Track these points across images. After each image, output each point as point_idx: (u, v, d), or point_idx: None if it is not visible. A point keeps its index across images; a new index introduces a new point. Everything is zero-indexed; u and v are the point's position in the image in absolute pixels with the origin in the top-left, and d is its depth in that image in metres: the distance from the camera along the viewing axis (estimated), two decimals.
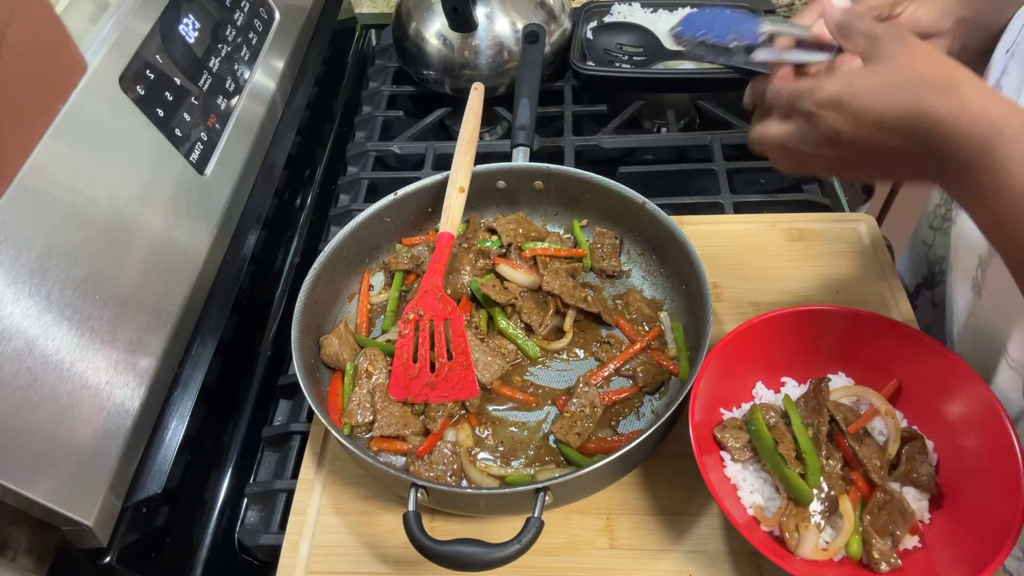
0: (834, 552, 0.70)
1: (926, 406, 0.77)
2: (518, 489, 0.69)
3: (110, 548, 0.70)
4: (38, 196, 0.67)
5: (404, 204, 0.95)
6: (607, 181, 0.94)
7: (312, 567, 0.77)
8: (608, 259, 0.95)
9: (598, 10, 1.29)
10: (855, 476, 0.74)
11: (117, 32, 0.80)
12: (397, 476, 0.72)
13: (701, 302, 0.81)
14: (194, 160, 0.87)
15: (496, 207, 1.01)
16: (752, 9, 1.24)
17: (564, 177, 0.97)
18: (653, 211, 0.90)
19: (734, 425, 0.77)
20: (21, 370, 0.63)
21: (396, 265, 0.95)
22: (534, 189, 0.99)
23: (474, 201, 0.99)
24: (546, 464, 0.80)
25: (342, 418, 0.81)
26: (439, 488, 0.70)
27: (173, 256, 0.82)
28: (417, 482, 0.70)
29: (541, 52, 1.07)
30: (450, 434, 0.82)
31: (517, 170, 0.98)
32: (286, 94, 1.10)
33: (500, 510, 0.76)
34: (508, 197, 1.00)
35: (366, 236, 0.94)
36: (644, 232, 0.94)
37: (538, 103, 1.01)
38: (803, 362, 0.81)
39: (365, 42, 1.47)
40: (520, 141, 0.99)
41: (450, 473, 0.78)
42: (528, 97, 1.02)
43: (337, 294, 0.93)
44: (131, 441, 0.72)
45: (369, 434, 0.81)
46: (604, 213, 0.98)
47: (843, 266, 0.96)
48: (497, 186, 0.99)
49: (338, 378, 0.86)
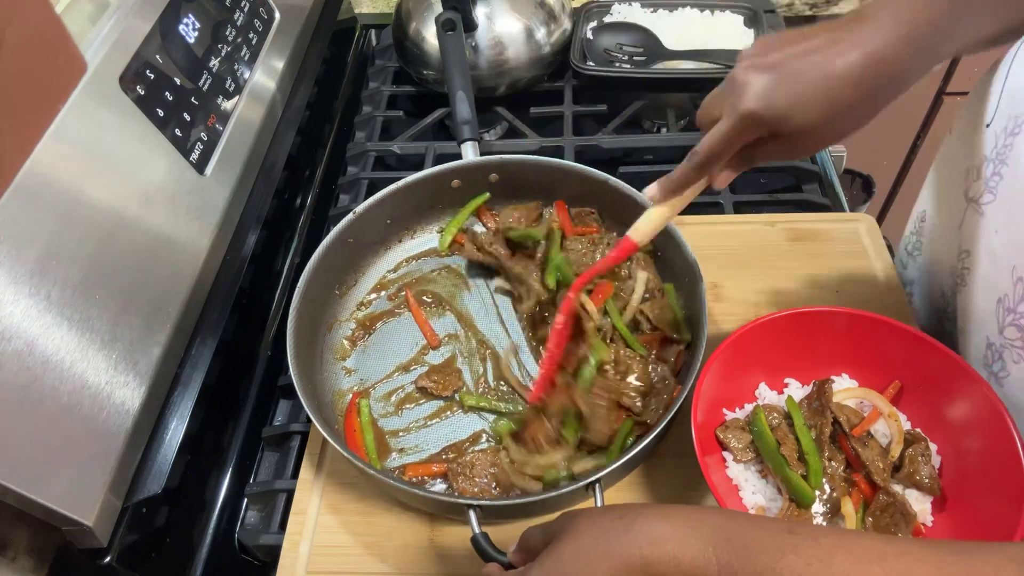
0: None
1: (929, 408, 0.77)
2: (572, 487, 0.69)
3: (110, 548, 0.70)
4: (38, 196, 0.67)
5: (402, 198, 0.96)
6: (567, 164, 0.94)
7: (312, 567, 0.77)
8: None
9: (598, 10, 1.29)
10: (857, 478, 0.74)
11: (117, 32, 0.80)
12: (453, 502, 0.71)
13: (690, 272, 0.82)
14: (194, 160, 0.86)
15: (455, 207, 1.00)
16: (752, 9, 1.24)
17: (521, 166, 0.96)
18: (617, 185, 0.90)
19: (737, 426, 0.77)
20: (21, 370, 0.62)
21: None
22: (490, 182, 0.98)
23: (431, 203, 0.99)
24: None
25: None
26: (499, 504, 0.70)
27: (173, 256, 0.82)
28: (474, 503, 0.69)
29: (461, 40, 1.06)
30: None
31: (470, 166, 0.97)
32: (286, 94, 1.10)
33: (551, 509, 0.74)
34: (464, 195, 0.99)
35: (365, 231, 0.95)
36: (615, 211, 0.93)
37: (536, 101, 1.01)
38: (807, 363, 0.81)
39: (365, 42, 1.47)
40: (466, 136, 0.98)
41: (494, 484, 0.78)
42: (463, 89, 1.01)
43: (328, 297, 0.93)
44: (131, 441, 0.72)
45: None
46: (569, 199, 0.97)
47: (843, 266, 0.96)
48: (452, 185, 0.98)
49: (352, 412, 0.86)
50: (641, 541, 0.50)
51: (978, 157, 0.78)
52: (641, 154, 1.18)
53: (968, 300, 0.80)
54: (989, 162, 0.76)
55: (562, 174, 0.94)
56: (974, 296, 0.79)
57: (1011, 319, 0.73)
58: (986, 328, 0.76)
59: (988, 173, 0.76)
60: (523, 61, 1.20)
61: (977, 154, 0.79)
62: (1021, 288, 0.71)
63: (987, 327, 0.76)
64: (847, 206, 1.08)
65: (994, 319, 0.75)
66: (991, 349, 0.75)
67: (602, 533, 0.52)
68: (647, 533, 0.50)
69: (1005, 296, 0.73)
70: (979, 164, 0.78)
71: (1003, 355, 0.73)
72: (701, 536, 0.49)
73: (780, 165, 1.13)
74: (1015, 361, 0.72)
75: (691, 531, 0.49)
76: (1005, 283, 0.73)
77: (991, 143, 0.76)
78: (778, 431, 0.75)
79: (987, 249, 0.77)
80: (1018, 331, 0.72)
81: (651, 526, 0.50)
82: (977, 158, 0.78)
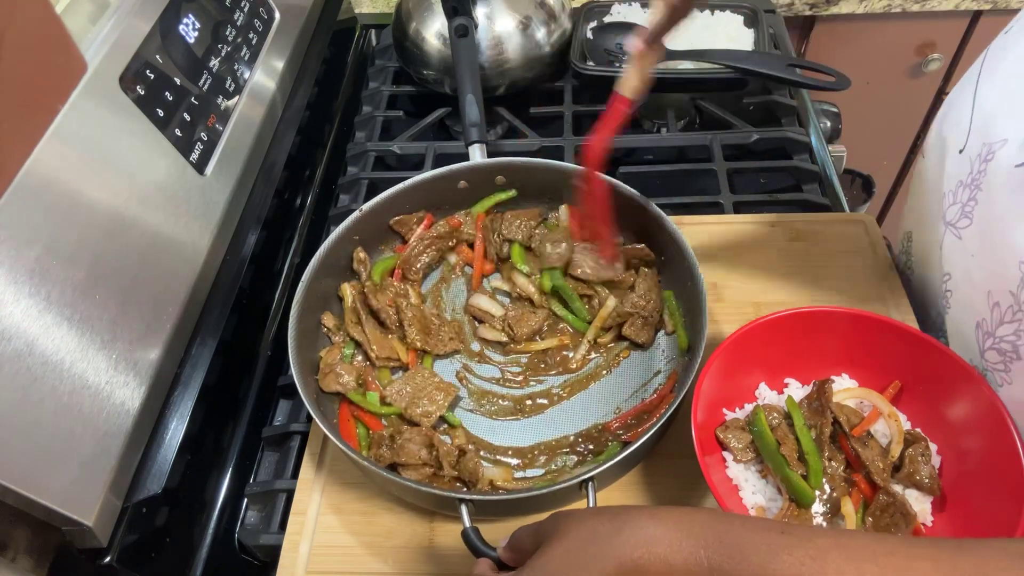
0: None
1: (929, 408, 0.77)
2: (566, 484, 0.69)
3: (110, 548, 0.70)
4: (38, 196, 0.67)
5: (409, 198, 0.96)
6: (569, 166, 0.95)
7: (312, 567, 0.77)
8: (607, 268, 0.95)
9: (598, 10, 1.29)
10: (857, 478, 0.74)
11: (117, 32, 0.80)
12: (445, 496, 0.72)
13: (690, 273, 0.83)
14: (194, 160, 0.87)
15: (461, 208, 1.01)
16: (752, 9, 1.24)
17: (525, 168, 0.97)
18: (621, 190, 0.91)
19: (737, 426, 0.77)
20: (21, 370, 0.62)
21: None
22: (496, 185, 0.99)
23: (438, 204, 0.99)
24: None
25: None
26: (491, 499, 0.70)
27: (173, 256, 0.82)
28: (466, 497, 0.69)
29: (474, 46, 1.07)
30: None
31: (477, 168, 0.98)
32: (286, 94, 1.10)
33: (544, 507, 0.74)
34: (472, 196, 1.00)
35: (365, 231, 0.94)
36: (619, 214, 0.93)
37: (536, 101, 1.01)
38: (807, 363, 0.81)
39: (365, 42, 1.47)
40: (474, 138, 0.99)
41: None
42: (473, 92, 1.02)
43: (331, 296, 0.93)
44: (131, 441, 0.72)
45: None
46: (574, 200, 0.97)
47: (843, 266, 0.96)
48: (459, 186, 0.99)
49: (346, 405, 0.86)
50: (632, 543, 0.50)
51: (953, 182, 0.78)
52: (641, 154, 1.18)
53: (953, 322, 0.81)
54: (964, 187, 0.76)
55: (568, 177, 0.95)
56: (957, 319, 0.80)
57: (990, 343, 0.74)
58: (969, 351, 0.77)
59: (964, 198, 0.76)
60: (523, 61, 1.20)
61: (952, 179, 0.79)
62: (998, 313, 0.72)
63: (970, 351, 0.76)
64: (847, 206, 1.08)
65: (975, 343, 0.76)
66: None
67: (593, 535, 0.52)
68: (638, 535, 0.50)
69: (983, 320, 0.74)
70: (955, 189, 0.78)
71: (987, 378, 0.74)
72: (693, 538, 0.49)
73: (780, 165, 1.13)
74: (999, 385, 0.73)
75: (683, 533, 0.49)
76: (983, 307, 0.74)
77: (966, 168, 0.76)
78: (778, 431, 0.75)
79: (965, 273, 0.77)
80: (999, 355, 0.73)
81: (642, 528, 0.50)
82: (953, 183, 0.79)
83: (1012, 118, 0.70)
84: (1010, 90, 0.72)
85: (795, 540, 0.47)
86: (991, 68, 0.76)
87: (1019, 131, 0.68)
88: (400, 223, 0.97)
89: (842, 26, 1.50)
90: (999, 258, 0.70)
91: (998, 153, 0.70)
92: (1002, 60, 0.75)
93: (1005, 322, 0.71)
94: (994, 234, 0.71)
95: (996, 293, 0.71)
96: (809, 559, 0.46)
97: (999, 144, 0.70)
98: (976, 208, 0.74)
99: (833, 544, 0.46)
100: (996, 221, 0.71)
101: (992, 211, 0.71)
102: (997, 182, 0.70)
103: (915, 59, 1.57)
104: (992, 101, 0.74)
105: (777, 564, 0.46)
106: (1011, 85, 0.72)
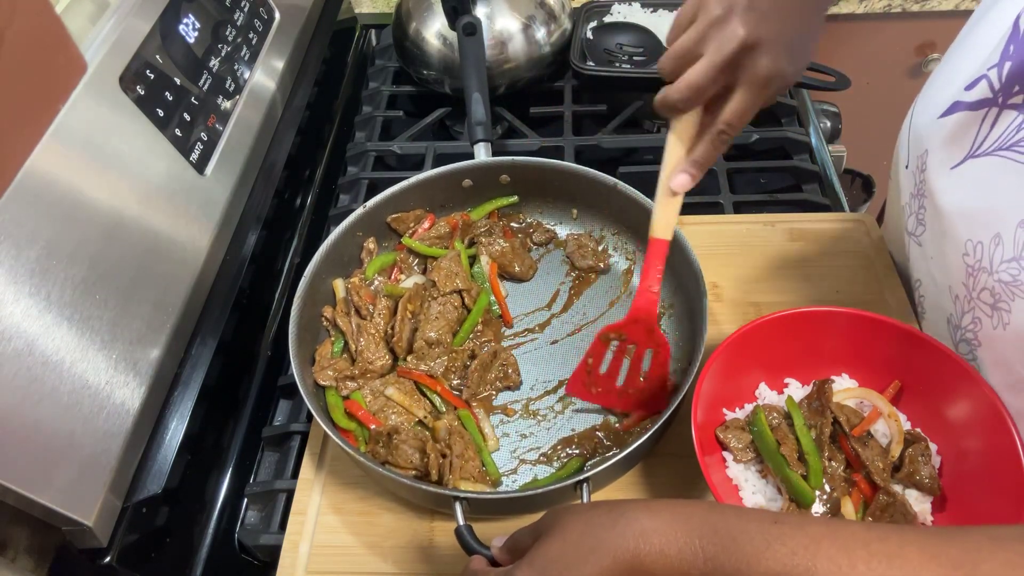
0: None
1: (929, 408, 0.77)
2: (561, 484, 0.69)
3: (110, 548, 0.70)
4: (38, 196, 0.67)
5: (412, 196, 0.96)
6: (575, 167, 0.95)
7: (312, 567, 0.77)
8: (591, 257, 0.96)
9: (598, 10, 1.29)
10: (857, 478, 0.74)
11: (117, 32, 0.80)
12: (440, 494, 0.71)
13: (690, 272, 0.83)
14: (194, 160, 0.86)
15: (464, 206, 1.01)
16: None
17: (530, 168, 0.97)
18: (625, 191, 0.91)
19: (737, 426, 0.77)
20: (21, 370, 0.62)
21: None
22: (500, 184, 0.99)
23: (442, 202, 0.99)
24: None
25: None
26: (485, 498, 0.70)
27: (173, 256, 0.82)
28: (461, 495, 0.69)
29: (481, 44, 1.07)
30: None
31: (482, 166, 0.98)
32: (286, 94, 1.10)
33: (538, 506, 0.74)
34: (476, 195, 1.00)
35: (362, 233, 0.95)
36: (622, 215, 0.94)
37: (536, 101, 1.01)
38: (807, 363, 0.81)
39: (365, 42, 1.47)
40: (479, 137, 0.99)
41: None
42: (479, 91, 1.02)
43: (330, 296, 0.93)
44: (131, 441, 0.72)
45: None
46: (577, 201, 0.98)
47: (843, 266, 0.96)
48: (463, 185, 0.99)
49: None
50: (628, 535, 0.50)
51: (907, 195, 0.87)
52: (641, 154, 1.18)
53: (929, 326, 0.85)
54: (915, 198, 0.84)
55: (571, 177, 0.95)
56: (932, 321, 0.84)
57: (960, 335, 0.77)
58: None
59: (916, 207, 0.84)
60: (523, 61, 1.20)
61: (905, 193, 0.87)
62: (959, 305, 0.76)
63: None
64: (847, 206, 1.08)
65: (949, 340, 0.79)
66: None
67: (589, 528, 0.52)
68: (634, 527, 0.50)
69: (951, 315, 0.78)
70: (909, 201, 0.86)
71: None
72: (688, 529, 0.49)
73: (780, 165, 1.13)
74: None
75: (678, 524, 0.50)
76: (947, 304, 0.78)
77: (912, 182, 0.85)
78: (778, 431, 0.75)
79: (929, 276, 0.83)
80: (967, 345, 0.76)
81: (638, 520, 0.50)
82: (906, 196, 0.87)
83: (932, 128, 0.79)
84: (936, 104, 0.80)
85: (788, 529, 0.47)
86: (924, 92, 0.86)
87: (937, 139, 0.77)
88: (398, 220, 0.97)
89: (842, 26, 1.51)
90: (947, 254, 0.76)
91: (928, 162, 0.79)
92: (931, 84, 0.85)
93: (965, 312, 0.75)
94: (941, 234, 0.77)
95: (955, 287, 0.76)
96: (802, 548, 0.46)
97: (925, 154, 0.80)
98: (926, 215, 0.81)
99: (825, 532, 0.47)
100: (937, 220, 0.77)
101: (936, 214, 0.78)
102: (936, 187, 0.77)
103: (915, 59, 1.57)
104: (922, 118, 0.83)
105: (771, 553, 0.46)
106: (937, 100, 0.79)
